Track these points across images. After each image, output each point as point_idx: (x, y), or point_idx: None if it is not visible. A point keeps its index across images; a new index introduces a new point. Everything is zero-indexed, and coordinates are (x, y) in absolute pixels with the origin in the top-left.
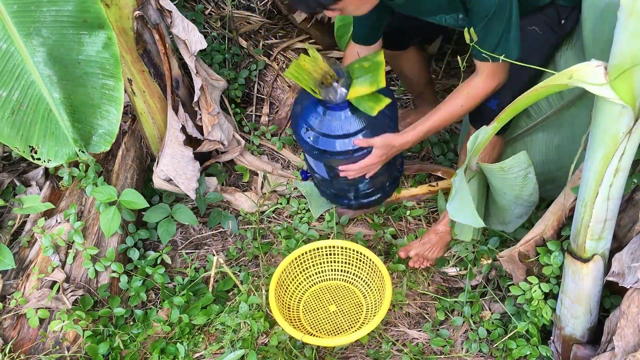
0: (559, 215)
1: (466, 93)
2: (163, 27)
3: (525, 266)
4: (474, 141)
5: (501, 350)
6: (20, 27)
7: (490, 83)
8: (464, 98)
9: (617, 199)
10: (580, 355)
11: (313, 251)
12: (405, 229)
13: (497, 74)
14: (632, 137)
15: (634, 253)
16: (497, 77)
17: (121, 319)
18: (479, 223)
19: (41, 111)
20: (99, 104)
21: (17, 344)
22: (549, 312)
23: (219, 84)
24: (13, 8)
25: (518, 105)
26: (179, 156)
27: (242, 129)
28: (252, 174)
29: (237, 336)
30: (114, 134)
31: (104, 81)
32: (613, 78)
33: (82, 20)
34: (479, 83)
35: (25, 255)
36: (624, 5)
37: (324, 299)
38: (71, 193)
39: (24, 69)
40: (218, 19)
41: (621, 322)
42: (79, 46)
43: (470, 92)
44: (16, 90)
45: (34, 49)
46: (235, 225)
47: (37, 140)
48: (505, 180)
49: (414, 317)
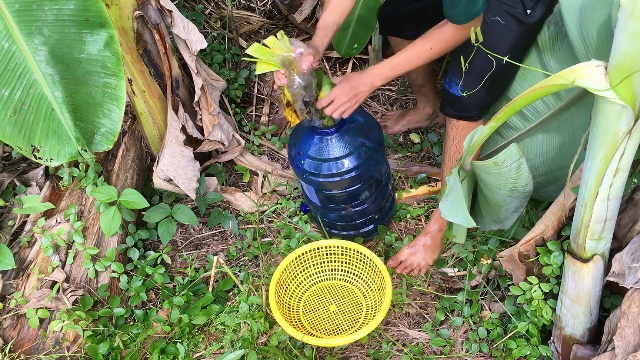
0: (559, 215)
1: (437, 38)
2: (163, 27)
3: (525, 266)
4: (470, 141)
5: (501, 350)
6: (21, 26)
7: (460, 32)
8: (434, 42)
9: (617, 199)
10: (580, 355)
11: (313, 251)
12: (405, 230)
13: (467, 26)
14: (632, 137)
15: (634, 253)
16: (467, 27)
17: (121, 319)
18: (470, 223)
19: (43, 110)
20: (101, 103)
21: (17, 344)
22: (549, 312)
23: (219, 84)
24: (15, 7)
25: (516, 105)
26: (179, 156)
27: (242, 129)
28: (252, 174)
29: (237, 336)
30: (116, 133)
31: (106, 80)
32: (613, 78)
33: (83, 19)
34: (451, 30)
35: (25, 255)
36: (624, 6)
37: (324, 299)
38: (71, 193)
39: (26, 68)
40: (218, 19)
41: (621, 322)
42: (81, 45)
43: (441, 37)
44: (18, 90)
45: (35, 48)
46: (235, 225)
47: (39, 140)
48: (500, 174)
49: (414, 317)
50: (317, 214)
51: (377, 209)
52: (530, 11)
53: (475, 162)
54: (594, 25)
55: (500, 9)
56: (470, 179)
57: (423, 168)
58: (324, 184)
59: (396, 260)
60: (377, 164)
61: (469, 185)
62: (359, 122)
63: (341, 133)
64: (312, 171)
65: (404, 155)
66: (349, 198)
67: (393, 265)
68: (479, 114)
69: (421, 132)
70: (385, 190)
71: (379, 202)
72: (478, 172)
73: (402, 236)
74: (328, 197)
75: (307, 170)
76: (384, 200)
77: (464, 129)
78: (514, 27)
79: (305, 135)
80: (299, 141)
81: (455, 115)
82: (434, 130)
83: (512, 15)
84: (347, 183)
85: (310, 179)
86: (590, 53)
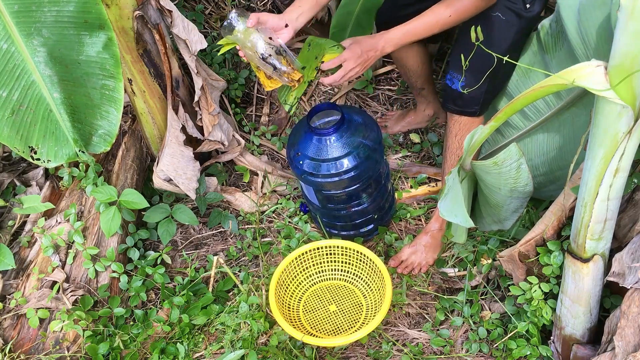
0: (559, 215)
1: (459, 5)
2: (163, 27)
3: (525, 266)
4: (470, 141)
5: (501, 350)
6: (21, 28)
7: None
8: (455, 9)
9: (617, 199)
10: (580, 355)
11: (313, 251)
12: (405, 230)
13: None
14: (632, 137)
15: (635, 253)
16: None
17: (121, 319)
18: (468, 223)
19: (41, 111)
20: (99, 105)
21: (17, 344)
22: (549, 312)
23: (219, 84)
24: (14, 8)
25: (516, 105)
26: (179, 156)
27: (242, 129)
28: (252, 174)
29: (237, 336)
30: (113, 135)
31: (104, 82)
32: (613, 78)
33: (83, 21)
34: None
35: (25, 255)
36: (624, 6)
37: (324, 299)
38: (71, 193)
39: (25, 69)
40: (218, 19)
41: (622, 322)
42: (80, 46)
43: (462, 4)
44: (16, 91)
45: (34, 49)
46: (235, 225)
47: (36, 141)
48: (500, 174)
49: (414, 317)
50: (316, 214)
51: (377, 209)
52: (529, 5)
53: (475, 162)
54: (593, 25)
55: (501, 4)
56: (471, 179)
57: (423, 168)
58: (323, 184)
59: (397, 259)
60: (375, 163)
61: (469, 185)
62: (357, 121)
63: (340, 133)
64: (310, 171)
65: (404, 156)
66: (348, 198)
67: (394, 265)
68: (480, 109)
69: (421, 132)
70: (384, 190)
71: (378, 201)
72: (478, 172)
73: (402, 236)
74: (327, 197)
75: (305, 170)
76: (383, 200)
77: (465, 124)
78: (514, 22)
79: (304, 135)
80: (298, 141)
81: (457, 111)
82: (434, 131)
83: (512, 11)
84: (346, 183)
85: (309, 180)
86: (590, 53)
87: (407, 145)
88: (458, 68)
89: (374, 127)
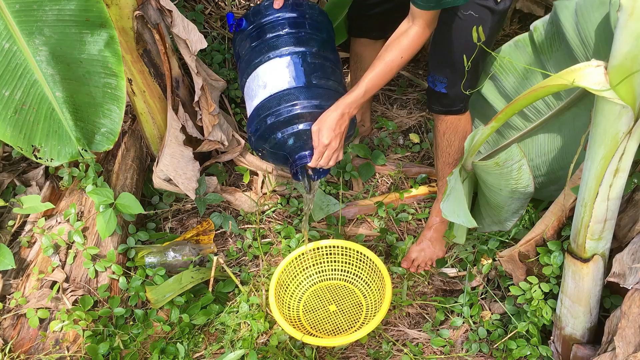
0: (559, 215)
1: (406, 44)
2: (163, 27)
3: (525, 266)
4: (470, 142)
5: (501, 350)
6: (22, 26)
7: (427, 32)
8: (404, 49)
9: (617, 199)
10: (580, 355)
11: (313, 251)
12: (406, 230)
13: (432, 23)
14: (632, 137)
15: (635, 254)
16: (432, 25)
17: (121, 319)
18: (471, 223)
19: (44, 110)
20: (102, 103)
21: (17, 344)
22: (549, 312)
23: (219, 84)
24: (15, 7)
25: (516, 106)
26: (178, 156)
27: (242, 129)
28: (252, 174)
29: (237, 336)
30: (116, 133)
31: (106, 80)
32: (613, 78)
33: (84, 19)
34: (418, 33)
35: (25, 255)
36: (624, 6)
37: (324, 299)
38: (71, 193)
39: (27, 68)
40: (218, 19)
41: (622, 322)
42: (82, 45)
43: (409, 42)
44: (19, 90)
45: (36, 48)
46: (235, 225)
47: (39, 140)
48: (501, 175)
49: (414, 317)
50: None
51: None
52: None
53: (476, 163)
54: (592, 26)
55: (472, 2)
56: (471, 180)
57: (423, 168)
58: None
59: (409, 260)
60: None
61: (469, 186)
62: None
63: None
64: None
65: (404, 156)
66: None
67: (407, 266)
68: (465, 106)
69: (421, 132)
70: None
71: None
72: (479, 173)
73: (402, 236)
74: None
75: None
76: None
77: (452, 122)
78: (487, 17)
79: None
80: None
81: (443, 111)
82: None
83: (484, 7)
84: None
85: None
86: (589, 53)
87: (407, 145)
88: (438, 70)
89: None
